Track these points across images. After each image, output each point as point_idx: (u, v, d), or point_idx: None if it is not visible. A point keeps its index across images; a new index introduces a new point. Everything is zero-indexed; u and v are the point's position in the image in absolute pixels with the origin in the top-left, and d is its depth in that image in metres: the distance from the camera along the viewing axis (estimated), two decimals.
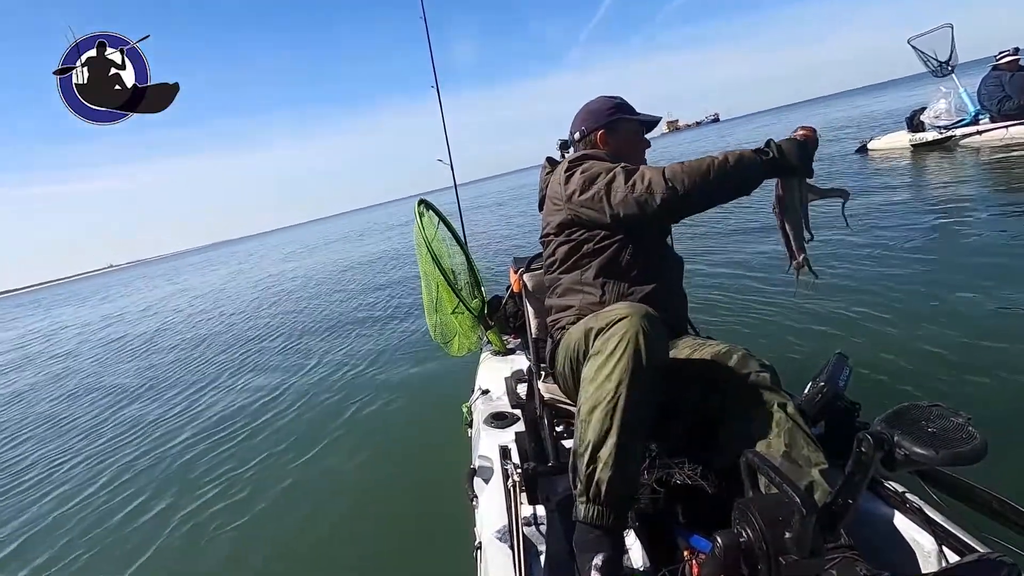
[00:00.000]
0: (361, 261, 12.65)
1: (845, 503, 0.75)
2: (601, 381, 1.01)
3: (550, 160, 1.63)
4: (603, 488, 0.97)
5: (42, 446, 4.20)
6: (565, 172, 1.41)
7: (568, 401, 1.42)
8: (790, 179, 1.26)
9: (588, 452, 0.99)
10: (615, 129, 1.54)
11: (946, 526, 0.94)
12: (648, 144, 1.63)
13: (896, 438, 0.70)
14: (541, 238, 1.58)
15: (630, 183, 1.24)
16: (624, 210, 1.26)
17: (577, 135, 1.59)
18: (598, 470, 0.98)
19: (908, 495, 1.04)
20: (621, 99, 1.58)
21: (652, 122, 1.60)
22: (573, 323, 1.35)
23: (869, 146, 9.58)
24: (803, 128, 1.26)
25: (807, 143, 1.22)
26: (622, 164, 1.32)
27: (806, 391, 1.24)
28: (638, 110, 1.59)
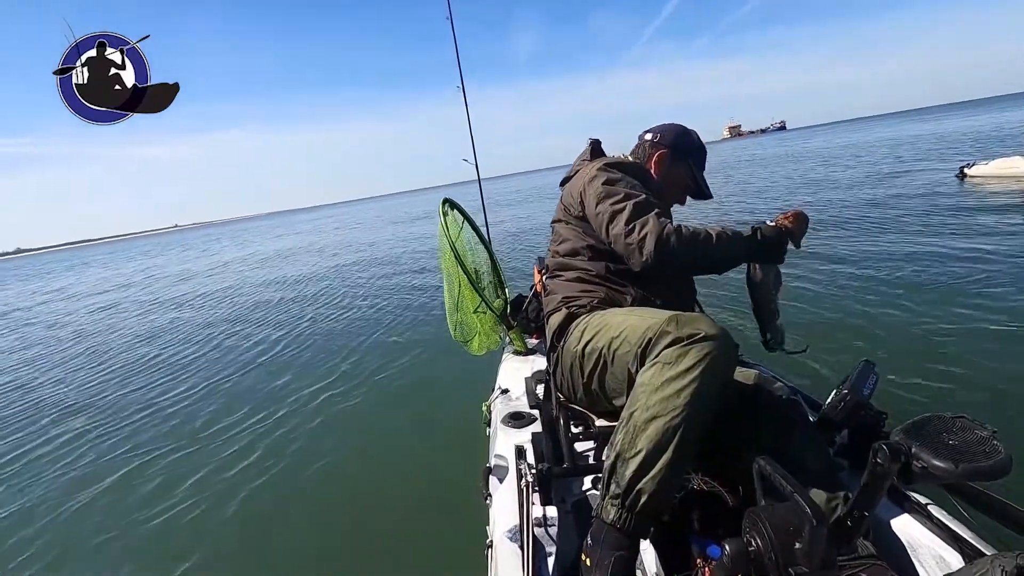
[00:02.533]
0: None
1: (860, 515, 0.73)
2: (669, 394, 0.98)
3: (593, 147, 1.63)
4: (643, 499, 0.96)
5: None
6: (597, 169, 1.43)
7: (577, 401, 1.42)
8: (764, 264, 1.32)
9: (639, 461, 0.97)
10: (677, 163, 1.56)
11: (974, 543, 0.90)
12: (683, 202, 1.64)
13: (914, 450, 0.67)
14: (554, 221, 1.58)
15: (630, 226, 1.26)
16: (614, 244, 1.32)
17: (648, 136, 1.59)
18: (644, 481, 0.96)
19: (933, 508, 1.00)
20: (705, 152, 1.61)
21: (702, 193, 1.61)
22: (598, 304, 1.36)
23: (970, 172, 8.73)
24: (791, 214, 1.29)
25: (789, 233, 1.27)
26: (641, 197, 1.32)
27: (829, 399, 1.21)
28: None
